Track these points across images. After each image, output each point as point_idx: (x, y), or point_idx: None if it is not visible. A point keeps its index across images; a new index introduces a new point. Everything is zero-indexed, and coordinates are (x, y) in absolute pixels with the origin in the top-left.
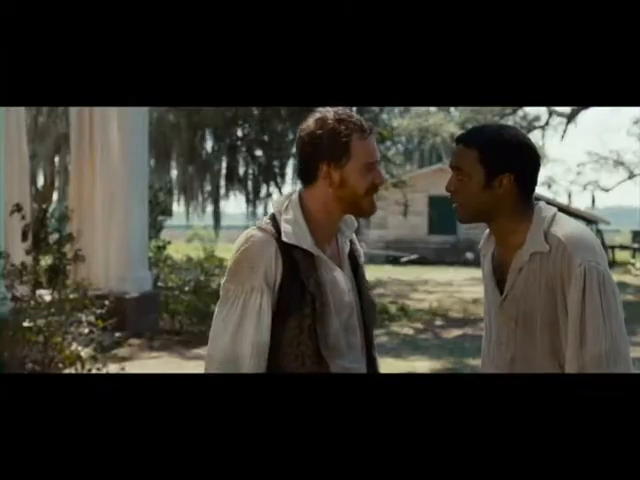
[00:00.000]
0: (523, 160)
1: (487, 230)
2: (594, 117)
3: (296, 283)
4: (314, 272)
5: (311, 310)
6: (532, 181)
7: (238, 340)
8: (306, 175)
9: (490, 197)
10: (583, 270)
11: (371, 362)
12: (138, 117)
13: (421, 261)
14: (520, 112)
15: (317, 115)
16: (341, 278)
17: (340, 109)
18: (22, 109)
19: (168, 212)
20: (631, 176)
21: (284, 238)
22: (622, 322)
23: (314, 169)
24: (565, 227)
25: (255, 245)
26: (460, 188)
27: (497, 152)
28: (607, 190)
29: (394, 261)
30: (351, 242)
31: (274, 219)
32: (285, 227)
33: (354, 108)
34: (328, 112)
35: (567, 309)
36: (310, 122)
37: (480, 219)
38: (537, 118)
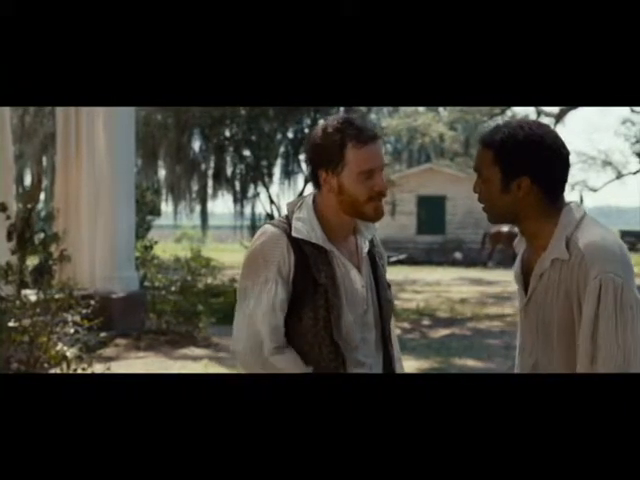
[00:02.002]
0: (539, 162)
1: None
2: (582, 117)
3: (308, 276)
4: (326, 266)
5: (324, 301)
6: (556, 182)
7: (258, 326)
8: (312, 181)
9: (510, 200)
10: (598, 283)
11: (387, 359)
12: (124, 116)
13: (409, 261)
14: (508, 112)
15: (322, 124)
16: (355, 275)
17: (344, 117)
18: (7, 108)
19: (156, 212)
20: (619, 176)
21: (294, 233)
22: (638, 337)
23: (316, 176)
24: (588, 234)
25: (267, 240)
26: (483, 191)
27: (510, 155)
28: (595, 190)
29: None
30: (372, 243)
31: (287, 218)
32: (296, 223)
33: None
34: (331, 121)
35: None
36: (315, 130)
37: (507, 221)
38: (525, 117)
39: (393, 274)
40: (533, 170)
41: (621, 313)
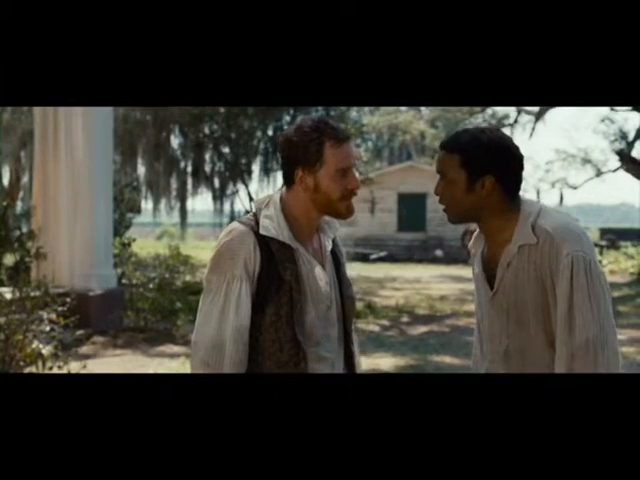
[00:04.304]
0: (503, 162)
1: (476, 231)
2: (562, 115)
3: (274, 273)
4: (291, 263)
5: (288, 299)
6: (515, 180)
7: (222, 325)
8: (285, 178)
9: (474, 199)
10: (570, 260)
11: (349, 356)
12: (102, 113)
13: (390, 258)
14: (489, 110)
15: (296, 123)
16: (320, 272)
17: (318, 117)
18: None
19: (136, 209)
20: (598, 174)
21: (261, 231)
22: (609, 309)
23: (291, 174)
24: (552, 219)
25: (235, 237)
26: (445, 192)
27: (476, 156)
28: (575, 188)
29: (363, 258)
30: (334, 242)
31: (255, 215)
32: (263, 221)
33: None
34: (306, 121)
35: (557, 297)
36: (289, 129)
37: (468, 220)
38: (506, 116)
39: (373, 271)
40: (496, 169)
41: (592, 286)
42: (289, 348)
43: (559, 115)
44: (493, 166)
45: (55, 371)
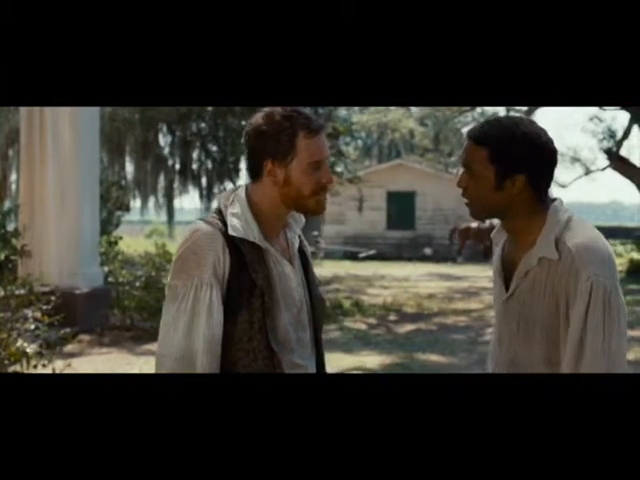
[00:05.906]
0: (537, 161)
1: (496, 226)
2: (551, 114)
3: (244, 277)
4: (262, 265)
5: (260, 304)
6: (547, 180)
7: (191, 336)
8: (252, 171)
9: (502, 198)
10: (589, 285)
11: (320, 359)
12: (89, 112)
13: (379, 257)
14: (478, 109)
15: (266, 111)
16: (290, 272)
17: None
18: None
19: (125, 207)
20: (587, 172)
21: (231, 232)
22: (624, 342)
23: (259, 165)
24: (577, 235)
25: (201, 239)
26: (470, 186)
27: (508, 153)
28: (564, 186)
29: (352, 257)
30: (300, 238)
31: (220, 213)
32: (232, 220)
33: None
34: (277, 108)
35: (569, 321)
36: (257, 117)
37: (492, 217)
38: (495, 114)
39: (362, 269)
40: (530, 168)
41: (609, 317)
42: (263, 357)
43: (548, 113)
44: (526, 165)
45: (40, 370)
